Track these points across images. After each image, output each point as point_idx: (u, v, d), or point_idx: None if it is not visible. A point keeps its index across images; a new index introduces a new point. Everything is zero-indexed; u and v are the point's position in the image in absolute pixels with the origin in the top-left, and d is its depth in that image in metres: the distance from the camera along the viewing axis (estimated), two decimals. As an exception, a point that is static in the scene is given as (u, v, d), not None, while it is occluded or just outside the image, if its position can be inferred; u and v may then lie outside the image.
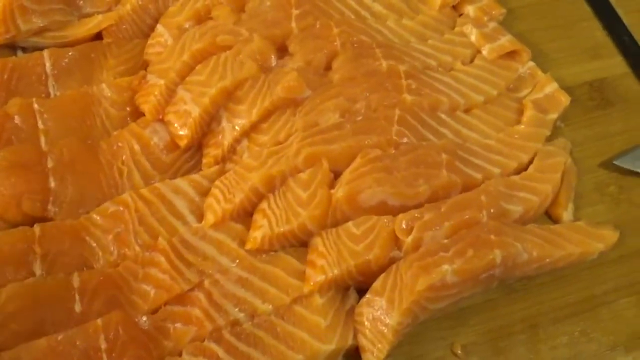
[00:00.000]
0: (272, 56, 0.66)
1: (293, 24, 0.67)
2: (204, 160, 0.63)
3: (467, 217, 0.60)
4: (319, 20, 0.68)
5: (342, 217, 0.60)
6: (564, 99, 0.69)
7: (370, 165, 0.60)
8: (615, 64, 0.75)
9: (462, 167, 0.62)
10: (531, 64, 0.71)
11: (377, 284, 0.58)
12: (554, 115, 0.68)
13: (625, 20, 0.78)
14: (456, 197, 0.60)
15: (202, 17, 0.69)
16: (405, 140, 0.62)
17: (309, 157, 0.60)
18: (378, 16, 0.71)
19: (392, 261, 0.59)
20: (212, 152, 0.63)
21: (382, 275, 0.58)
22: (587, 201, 0.66)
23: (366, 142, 0.61)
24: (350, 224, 0.59)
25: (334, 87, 0.64)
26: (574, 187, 0.66)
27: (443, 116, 0.65)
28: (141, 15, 0.70)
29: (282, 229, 0.58)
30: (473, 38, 0.71)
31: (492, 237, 0.59)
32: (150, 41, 0.69)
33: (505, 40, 0.70)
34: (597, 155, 0.69)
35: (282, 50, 0.67)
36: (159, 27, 0.69)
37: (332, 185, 0.60)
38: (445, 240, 0.59)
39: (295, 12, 0.67)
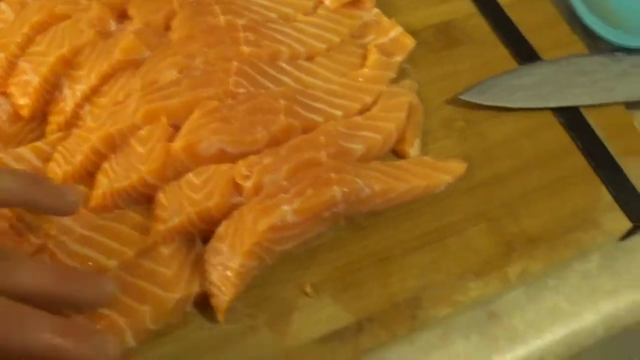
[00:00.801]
0: (111, 22, 0.68)
1: (132, -12, 0.69)
2: (48, 128, 0.66)
3: (306, 158, 0.62)
4: (158, -17, 0.70)
5: (183, 168, 0.62)
6: (409, 42, 0.72)
7: (208, 117, 0.63)
8: (462, 6, 0.79)
9: (301, 112, 0.64)
10: (376, 11, 0.74)
11: (220, 230, 0.61)
12: (399, 58, 0.71)
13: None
14: (295, 140, 0.63)
15: (43, -9, 0.71)
16: (243, 90, 0.64)
17: (148, 113, 0.63)
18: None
19: (235, 207, 0.61)
20: (55, 120, 0.65)
21: (225, 221, 0.61)
22: (435, 137, 0.70)
23: (204, 95, 0.64)
24: (190, 174, 0.62)
25: (173, 46, 0.66)
26: (421, 125, 0.69)
27: (284, 65, 0.67)
28: (-18, -5, 0.72)
29: (122, 184, 0.60)
30: (316, -12, 0.73)
31: (332, 175, 0.61)
32: (-9, 19, 0.71)
33: (347, -11, 0.73)
34: (444, 94, 0.72)
35: (123, 16, 0.69)
36: (1, 5, 0.71)
37: (172, 140, 0.62)
38: (285, 182, 0.61)
39: (134, -25, 0.70)
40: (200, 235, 0.63)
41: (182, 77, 0.66)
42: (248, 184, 0.61)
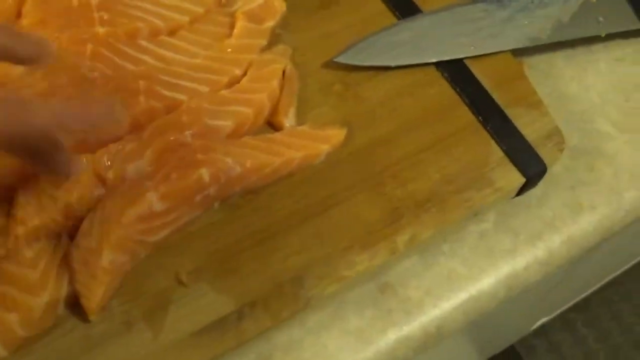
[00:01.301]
0: (-43, 14, 0.65)
1: (-24, -24, 0.67)
2: None
3: (169, 140, 0.61)
4: (4, -34, 0.68)
5: (42, 165, 0.60)
6: (279, 5, 0.71)
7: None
8: None
9: (163, 92, 0.63)
10: (242, -26, 0.72)
11: (84, 225, 0.60)
12: (270, 24, 0.70)
13: None
14: (156, 122, 0.62)
15: None
16: (99, 74, 0.62)
17: (1, 109, 0.60)
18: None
19: (100, 200, 0.60)
20: None
21: (89, 215, 0.60)
22: (313, 104, 0.68)
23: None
24: (49, 168, 0.59)
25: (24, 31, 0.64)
26: (296, 92, 0.68)
27: (144, 43, 0.66)
28: None
29: (-25, 187, 0.58)
30: (173, -44, 0.71)
31: (199, 156, 0.60)
32: None
33: (207, -45, 0.71)
34: (321, 57, 0.71)
35: (-29, 7, 0.67)
36: None
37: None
38: (150, 168, 0.59)
39: (-22, -40, 0.67)
40: (67, 231, 0.61)
41: (35, 67, 0.63)
42: (110, 174, 0.59)
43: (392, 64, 0.70)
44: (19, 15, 0.68)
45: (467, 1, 0.75)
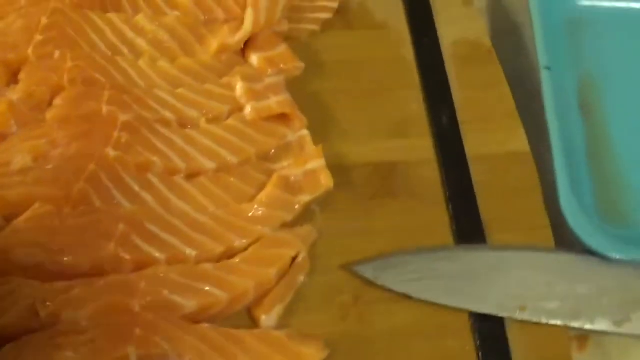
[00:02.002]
0: (-4, 83, 0.63)
1: (30, 51, 0.64)
2: None
3: (117, 302, 0.56)
4: (60, 50, 0.64)
5: (-9, 273, 0.57)
6: (325, 181, 0.63)
7: (36, 222, 0.58)
8: (420, 147, 0.67)
9: (140, 243, 0.58)
10: (304, 132, 0.64)
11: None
12: (306, 198, 0.62)
13: (455, 96, 0.68)
14: (113, 278, 0.58)
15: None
16: (88, 200, 0.57)
17: (-19, 200, 0.58)
18: (138, 54, 0.66)
19: (31, 332, 0.55)
20: None
21: (9, 345, 0.55)
22: (308, 307, 0.60)
23: (43, 195, 0.58)
24: (-6, 282, 0.56)
25: (42, 127, 0.61)
26: (297, 286, 0.59)
27: (154, 180, 0.61)
28: None
29: None
30: (238, 93, 0.64)
31: (137, 331, 0.54)
32: None
33: (275, 101, 0.64)
34: (345, 255, 0.62)
35: (17, 76, 0.65)
36: None
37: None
38: (85, 323, 0.54)
39: (38, 37, 0.65)
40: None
41: (34, 167, 0.59)
42: (43, 313, 0.54)
43: (417, 296, 0.59)
44: (50, 104, 0.64)
45: (548, 248, 0.62)
